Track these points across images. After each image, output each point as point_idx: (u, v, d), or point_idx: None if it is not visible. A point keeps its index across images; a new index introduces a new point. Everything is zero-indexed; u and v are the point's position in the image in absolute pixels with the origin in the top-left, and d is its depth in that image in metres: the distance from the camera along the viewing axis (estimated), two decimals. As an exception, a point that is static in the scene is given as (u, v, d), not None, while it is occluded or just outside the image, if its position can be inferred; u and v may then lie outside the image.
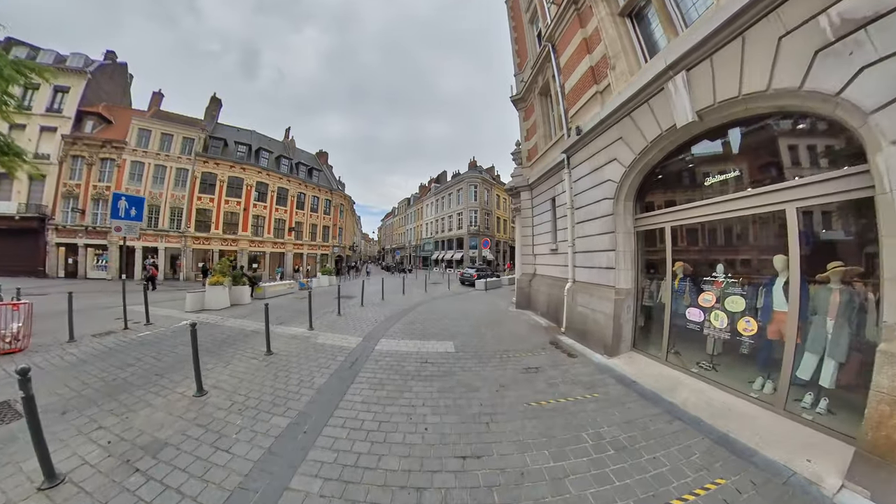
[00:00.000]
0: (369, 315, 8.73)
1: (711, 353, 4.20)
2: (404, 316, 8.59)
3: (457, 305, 10.38)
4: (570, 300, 6.81)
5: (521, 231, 10.25)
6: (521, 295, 9.66)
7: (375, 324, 7.70)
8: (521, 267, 10.02)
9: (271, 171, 25.31)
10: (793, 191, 3.22)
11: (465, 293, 13.65)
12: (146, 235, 22.38)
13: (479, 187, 34.43)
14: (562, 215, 7.94)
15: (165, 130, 23.90)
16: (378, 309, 9.62)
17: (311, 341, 6.18)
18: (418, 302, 10.86)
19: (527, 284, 9.54)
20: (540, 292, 8.86)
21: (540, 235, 9.28)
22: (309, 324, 7.16)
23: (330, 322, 7.87)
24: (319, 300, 10.87)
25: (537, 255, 9.46)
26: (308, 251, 27.27)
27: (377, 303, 10.81)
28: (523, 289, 9.60)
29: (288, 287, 14.08)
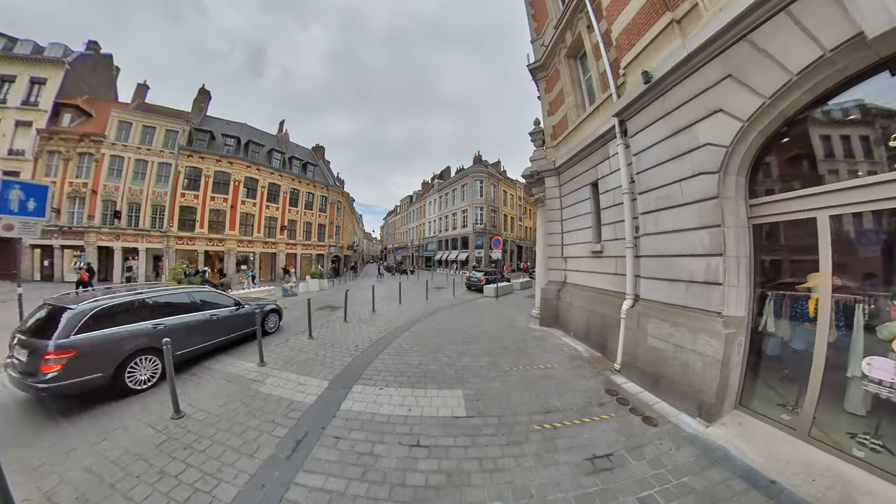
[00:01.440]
0: (350, 337, 6.75)
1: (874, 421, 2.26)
2: (396, 339, 6.59)
3: (464, 321, 8.36)
4: (631, 326, 4.75)
5: (546, 227, 8.18)
6: (547, 308, 7.60)
7: (355, 353, 5.71)
8: (547, 273, 7.95)
9: (262, 166, 23.51)
10: None
11: (472, 301, 11.71)
12: (125, 235, 20.78)
13: (485, 182, 32.29)
14: (610, 204, 5.87)
15: (147, 123, 22.21)
16: (364, 327, 7.64)
17: (252, 389, 4.22)
18: (416, 317, 8.86)
19: (554, 296, 7.48)
20: (574, 307, 6.79)
21: (573, 233, 7.20)
22: (259, 356, 5.18)
23: (293, 350, 5.91)
24: (296, 313, 8.96)
25: (569, 257, 7.38)
26: (302, 251, 25.47)
27: (365, 317, 8.83)
28: (549, 301, 7.54)
29: (267, 294, 12.18)
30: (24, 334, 3.63)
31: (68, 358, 3.42)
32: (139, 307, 4.40)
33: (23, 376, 3.38)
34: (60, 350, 3.40)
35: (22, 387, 3.41)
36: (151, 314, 4.48)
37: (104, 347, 3.75)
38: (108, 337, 3.82)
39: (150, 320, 4.38)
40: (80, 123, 22.50)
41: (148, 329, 4.28)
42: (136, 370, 4.05)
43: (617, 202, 5.71)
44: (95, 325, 3.75)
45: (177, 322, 4.70)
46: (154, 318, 4.45)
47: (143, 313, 4.39)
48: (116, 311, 4.06)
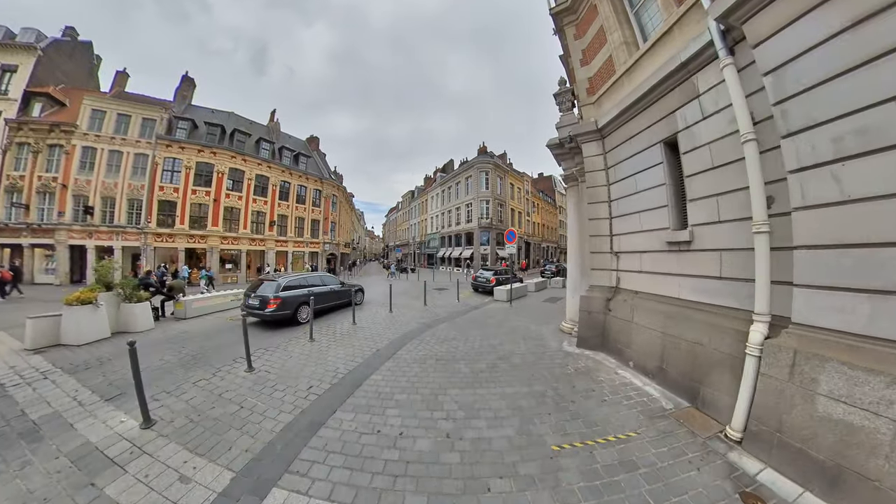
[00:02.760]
0: (308, 370, 4.67)
1: None
2: (373, 373, 4.48)
3: (473, 339, 6.16)
4: (776, 374, 2.59)
5: (584, 211, 5.98)
6: (590, 324, 5.41)
7: (302, 404, 3.61)
8: (589, 275, 5.72)
9: (248, 156, 21.57)
10: None
11: (481, 308, 9.57)
12: (99, 233, 19.05)
13: (490, 174, 29.97)
14: (704, 167, 3.69)
15: (122, 111, 20.38)
16: (333, 352, 5.55)
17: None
18: (408, 332, 6.70)
19: (601, 307, 5.28)
20: (637, 327, 4.60)
21: (630, 217, 5.00)
22: (142, 412, 3.16)
23: (208, 399, 3.83)
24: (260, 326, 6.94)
25: (623, 252, 5.17)
26: (294, 248, 23.56)
27: (341, 333, 6.74)
28: (594, 314, 5.36)
29: (233, 298, 10.19)
30: (252, 290, 7.72)
31: (277, 303, 7.20)
32: (300, 284, 8.09)
33: (256, 310, 7.27)
34: (276, 299, 7.25)
35: (256, 316, 7.30)
36: (305, 287, 8.07)
37: (289, 300, 7.45)
38: (290, 295, 7.56)
39: (305, 289, 8.00)
40: (52, 113, 20.76)
41: (305, 293, 7.80)
42: (300, 312, 7.60)
43: (720, 162, 3.53)
44: (286, 289, 7.55)
45: (318, 290, 8.26)
46: (307, 288, 8.04)
47: (302, 286, 8.07)
48: (292, 285, 7.83)
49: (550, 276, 19.43)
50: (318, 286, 8.41)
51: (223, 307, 9.79)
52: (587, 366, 4.68)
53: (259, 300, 7.24)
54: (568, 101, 7.47)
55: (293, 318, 7.38)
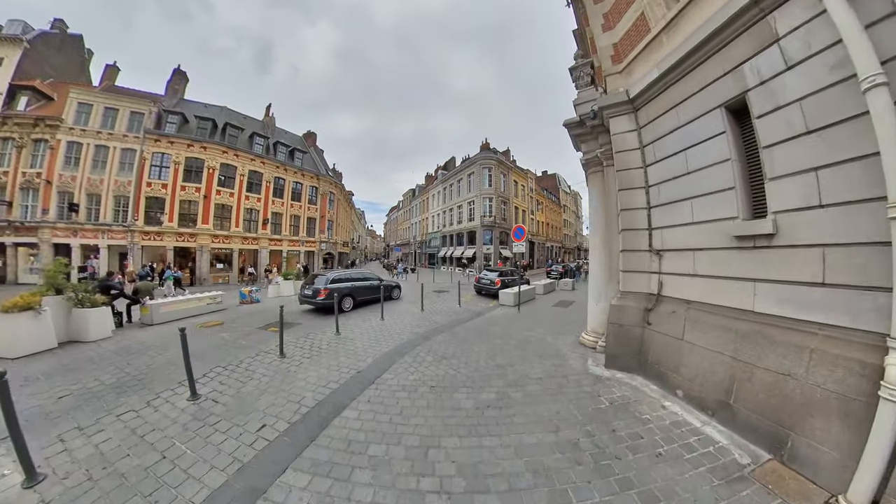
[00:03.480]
0: (265, 399, 3.69)
1: None
2: (349, 404, 3.48)
3: (476, 358, 5.06)
4: None
5: (613, 200, 4.95)
6: (622, 340, 4.38)
7: (243, 455, 2.63)
8: (621, 279, 4.62)
9: (240, 151, 20.68)
10: None
11: (485, 314, 8.48)
12: (84, 231, 18.25)
13: (494, 171, 28.90)
14: (799, 132, 2.63)
15: (109, 104, 19.56)
16: (305, 373, 4.56)
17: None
18: (399, 346, 5.65)
19: (637, 319, 4.26)
20: (691, 347, 3.57)
21: (677, 206, 3.96)
22: (22, 464, 2.34)
23: (125, 442, 2.87)
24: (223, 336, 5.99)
25: (668, 250, 4.12)
26: (289, 247, 22.64)
27: (319, 347, 5.74)
28: (628, 327, 4.33)
29: (208, 302, 9.26)
30: (308, 284, 9.07)
31: (326, 293, 8.31)
32: (345, 278, 9.58)
33: (310, 298, 8.62)
34: (326, 289, 8.42)
35: (309, 303, 8.82)
36: (349, 281, 9.58)
37: (336, 291, 8.23)
38: (337, 287, 8.65)
39: (349, 283, 9.45)
40: (38, 107, 19.99)
41: (349, 286, 9.34)
42: (345, 302, 8.71)
43: (819, 123, 2.51)
44: (333, 282, 8.80)
45: (358, 285, 9.73)
46: (350, 283, 9.53)
47: (347, 281, 9.48)
48: (339, 279, 9.26)
49: (558, 278, 18.39)
50: (359, 281, 9.93)
51: (197, 311, 8.86)
52: (624, 396, 3.65)
53: (312, 291, 8.75)
54: (586, 75, 6.43)
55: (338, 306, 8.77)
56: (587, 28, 7.07)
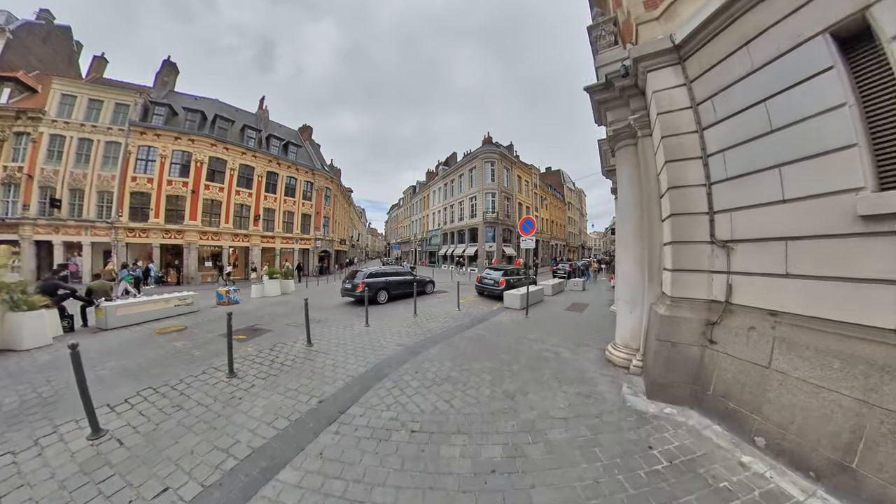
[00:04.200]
0: (186, 444, 2.62)
1: None
2: (274, 478, 2.40)
3: (475, 384, 3.98)
4: None
5: (663, 175, 3.76)
6: (673, 362, 3.25)
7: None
8: (671, 279, 3.41)
9: (230, 145, 19.70)
10: None
11: (487, 321, 7.05)
12: (66, 228, 17.41)
13: (496, 165, 27.69)
14: None
15: (94, 95, 18.66)
16: (249, 403, 3.51)
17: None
18: (379, 362, 4.56)
19: (695, 336, 3.13)
20: (784, 380, 2.43)
21: (755, 178, 2.79)
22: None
23: None
24: (160, 352, 4.96)
25: (741, 241, 2.95)
26: (282, 244, 21.66)
27: (284, 363, 4.68)
28: (681, 346, 3.20)
29: (176, 304, 8.27)
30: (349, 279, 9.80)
31: (364, 287, 8.81)
32: (381, 273, 10.22)
33: (350, 292, 9.50)
34: (362, 283, 9.08)
35: (350, 296, 9.67)
36: (385, 276, 10.14)
37: (372, 285, 9.30)
38: (373, 281, 9.48)
39: (383, 278, 10.02)
40: (21, 99, 19.15)
41: (384, 281, 9.93)
42: (380, 296, 9.55)
43: None
44: (370, 277, 9.54)
45: (392, 279, 10.26)
46: (385, 278, 10.06)
47: (382, 276, 10.07)
48: (375, 273, 9.98)
49: (565, 277, 17.22)
50: (393, 276, 10.47)
51: (163, 314, 7.88)
52: (684, 447, 2.55)
53: (352, 285, 9.59)
54: (608, 34, 5.30)
55: (374, 298, 9.34)
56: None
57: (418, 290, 9.40)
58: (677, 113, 3.58)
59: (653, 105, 3.84)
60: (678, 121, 3.54)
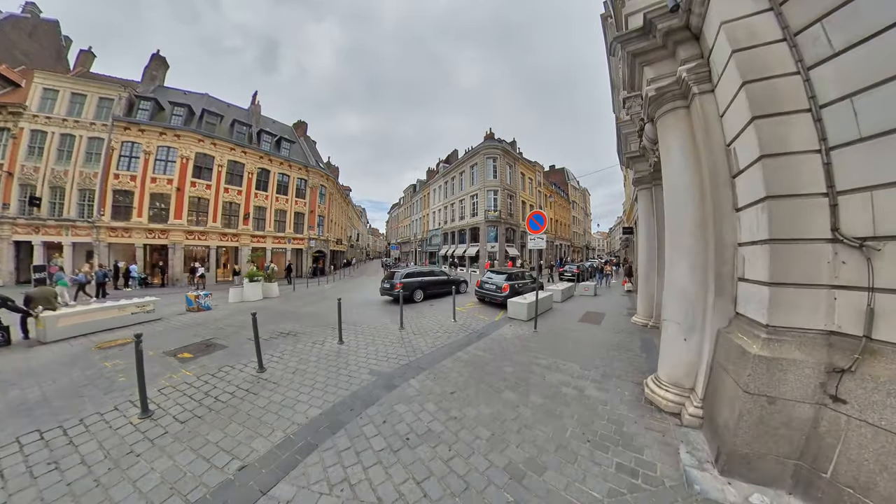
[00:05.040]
0: None
1: None
2: None
3: (468, 443, 2.75)
4: None
5: (752, 141, 2.57)
6: (770, 426, 2.08)
7: None
8: (772, 299, 2.11)
9: (218, 140, 18.76)
10: None
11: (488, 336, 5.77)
12: (46, 227, 16.55)
13: (499, 161, 26.47)
14: None
15: (77, 90, 17.80)
16: (122, 491, 2.39)
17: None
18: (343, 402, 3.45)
19: (809, 389, 1.96)
20: None
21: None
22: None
23: None
24: (82, 375, 3.89)
25: (883, 241, 1.81)
26: (273, 244, 20.65)
27: (206, 411, 3.59)
28: (784, 403, 2.02)
29: (133, 312, 7.24)
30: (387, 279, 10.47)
31: (400, 286, 8.69)
32: (418, 273, 10.73)
33: (388, 291, 10.11)
34: (399, 283, 9.24)
35: (387, 295, 10.31)
36: (420, 276, 10.61)
37: (409, 285, 9.83)
38: (409, 281, 9.97)
39: (420, 278, 10.48)
40: (3, 94, 18.37)
41: (419, 281, 10.37)
42: (416, 294, 10.01)
43: None
44: (407, 277, 10.00)
45: (428, 279, 10.72)
46: (421, 278, 10.54)
47: (418, 276, 10.56)
48: (411, 273, 10.50)
49: (573, 280, 16.01)
50: (429, 276, 10.91)
51: (116, 323, 6.88)
52: None
53: (390, 284, 9.97)
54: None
55: (410, 297, 9.86)
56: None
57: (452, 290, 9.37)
58: (763, 49, 2.41)
59: (719, 44, 2.68)
60: (766, 59, 2.37)
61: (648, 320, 6.32)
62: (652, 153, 5.40)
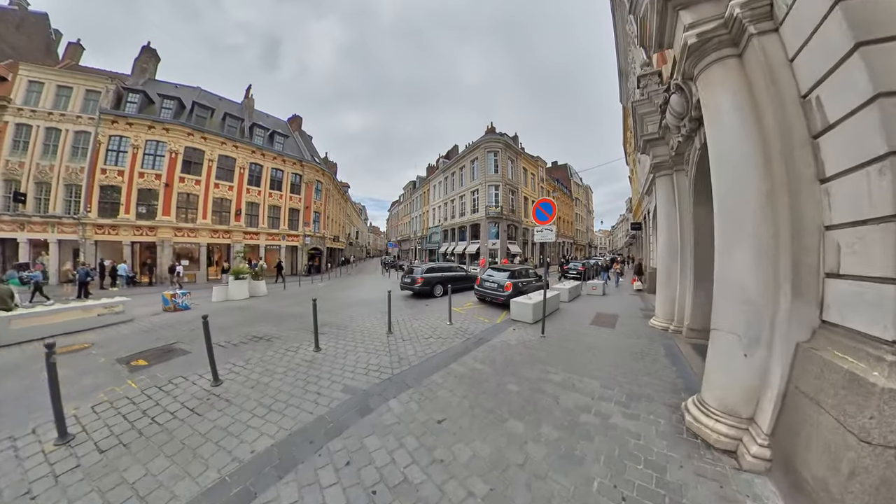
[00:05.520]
0: None
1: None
2: None
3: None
4: None
5: (861, 75, 1.88)
6: (887, 487, 1.41)
7: None
8: (894, 304, 1.51)
9: (209, 134, 18.09)
10: None
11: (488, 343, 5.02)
12: (32, 224, 15.99)
13: (500, 155, 25.65)
14: None
15: (62, 82, 17.19)
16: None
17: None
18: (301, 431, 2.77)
19: None
20: None
21: None
22: None
23: None
24: (19, 386, 3.21)
25: None
26: (266, 241, 20.01)
27: (135, 436, 2.92)
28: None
29: (99, 314, 6.61)
30: (409, 274, 10.67)
31: (422, 281, 9.98)
32: (438, 269, 11.03)
33: (409, 286, 10.28)
34: (420, 278, 10.04)
35: (411, 290, 10.30)
36: (441, 271, 10.92)
37: (430, 280, 10.17)
38: (430, 276, 10.27)
39: (440, 273, 10.77)
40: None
41: (440, 276, 10.61)
42: (436, 289, 10.22)
43: None
44: (428, 272, 10.37)
45: (448, 275, 10.86)
46: (441, 273, 10.82)
47: (439, 271, 10.91)
48: (432, 268, 10.79)
49: (578, 278, 15.28)
50: (448, 272, 11.20)
51: (78, 326, 6.28)
52: None
53: (411, 279, 10.23)
54: None
55: (431, 292, 10.11)
56: None
57: (472, 286, 9.96)
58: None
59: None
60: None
61: (669, 323, 5.60)
62: (676, 131, 4.66)
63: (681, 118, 4.30)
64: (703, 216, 4.83)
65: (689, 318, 4.98)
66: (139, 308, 8.69)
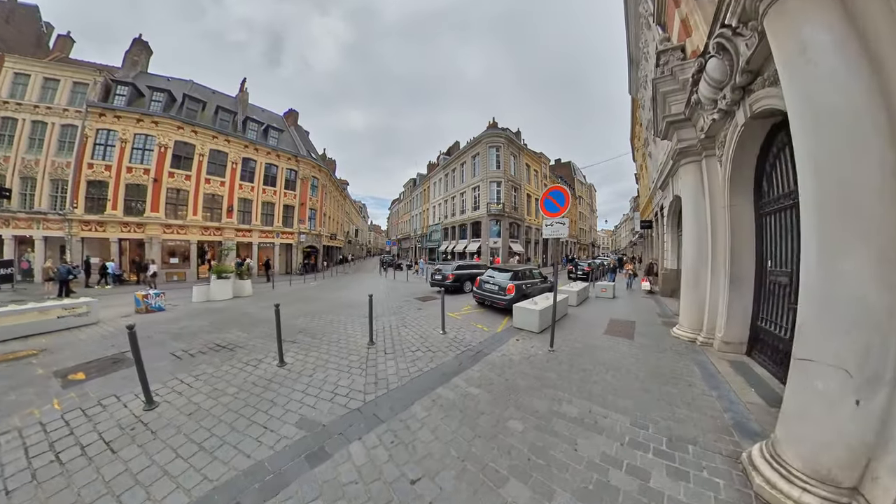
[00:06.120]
0: None
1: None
2: None
3: None
4: None
5: None
6: None
7: None
8: None
9: (199, 128, 17.46)
10: None
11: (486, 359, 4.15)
12: (17, 220, 15.48)
13: (503, 150, 24.81)
14: None
15: (49, 74, 16.64)
16: None
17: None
18: (201, 499, 2.17)
19: None
20: None
21: None
22: None
23: None
24: None
25: None
26: (260, 239, 19.38)
27: (19, 483, 2.23)
28: None
29: (59, 316, 5.97)
30: (437, 272, 11.95)
31: (452, 278, 11.12)
32: (467, 266, 12.28)
33: (439, 282, 11.34)
34: (451, 275, 11.22)
35: (441, 286, 9.29)
36: (469, 269, 11.96)
37: (459, 277, 11.32)
38: (460, 273, 11.47)
39: (468, 270, 11.75)
40: (-25, 80, 17.24)
41: (469, 273, 11.57)
42: (465, 285, 11.16)
43: None
44: (458, 270, 11.60)
45: (475, 272, 11.45)
46: (469, 270, 11.78)
47: (467, 268, 12.02)
48: (462, 267, 12.13)
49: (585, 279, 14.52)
50: (475, 269, 12.01)
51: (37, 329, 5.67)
52: None
53: (441, 276, 11.46)
54: None
55: (461, 287, 11.14)
56: None
57: None
58: None
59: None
60: None
61: (696, 334, 4.84)
62: (712, 106, 3.89)
63: (720, 87, 3.53)
64: (742, 208, 4.06)
65: (724, 330, 4.22)
66: (113, 309, 8.08)
